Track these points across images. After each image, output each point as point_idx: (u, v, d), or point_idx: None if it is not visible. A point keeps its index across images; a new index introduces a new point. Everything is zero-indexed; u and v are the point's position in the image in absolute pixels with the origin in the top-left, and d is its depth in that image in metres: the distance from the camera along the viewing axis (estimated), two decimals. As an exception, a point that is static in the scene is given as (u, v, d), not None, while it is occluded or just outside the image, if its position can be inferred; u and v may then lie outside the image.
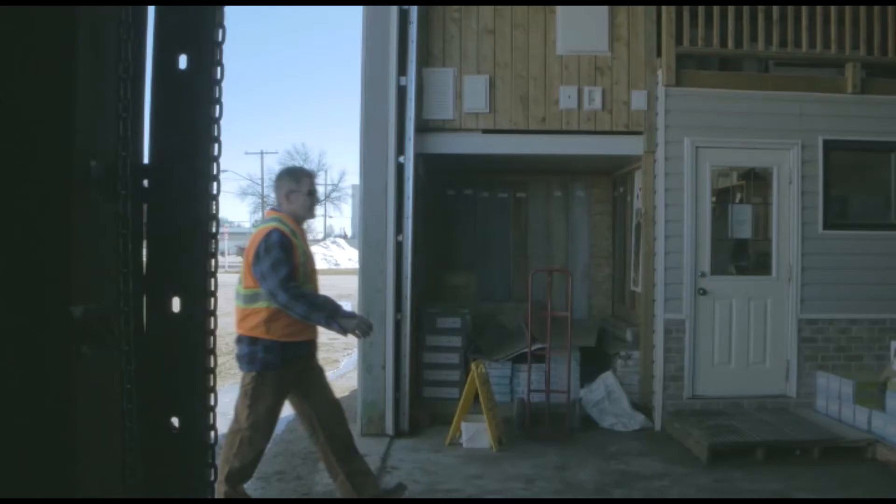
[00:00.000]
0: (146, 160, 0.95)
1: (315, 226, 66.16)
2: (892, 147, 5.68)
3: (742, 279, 5.78)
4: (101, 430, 0.85)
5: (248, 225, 70.49)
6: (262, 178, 54.83)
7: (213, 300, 0.88)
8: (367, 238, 5.27)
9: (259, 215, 57.70)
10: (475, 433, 4.91)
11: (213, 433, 0.87)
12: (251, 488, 4.42)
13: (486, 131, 5.54)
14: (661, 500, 4.08)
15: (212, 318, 0.88)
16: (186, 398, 0.88)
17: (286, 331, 3.31)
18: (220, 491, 3.28)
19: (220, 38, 0.90)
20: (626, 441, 5.16)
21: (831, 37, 5.52)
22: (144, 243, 0.88)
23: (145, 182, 0.93)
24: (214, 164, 0.88)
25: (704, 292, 5.49)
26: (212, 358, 0.89)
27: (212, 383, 0.89)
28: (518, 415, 5.33)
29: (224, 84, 0.90)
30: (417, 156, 5.41)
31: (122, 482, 0.80)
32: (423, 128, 5.47)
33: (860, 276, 5.56)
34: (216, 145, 0.89)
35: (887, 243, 5.63)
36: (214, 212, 0.88)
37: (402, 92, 5.24)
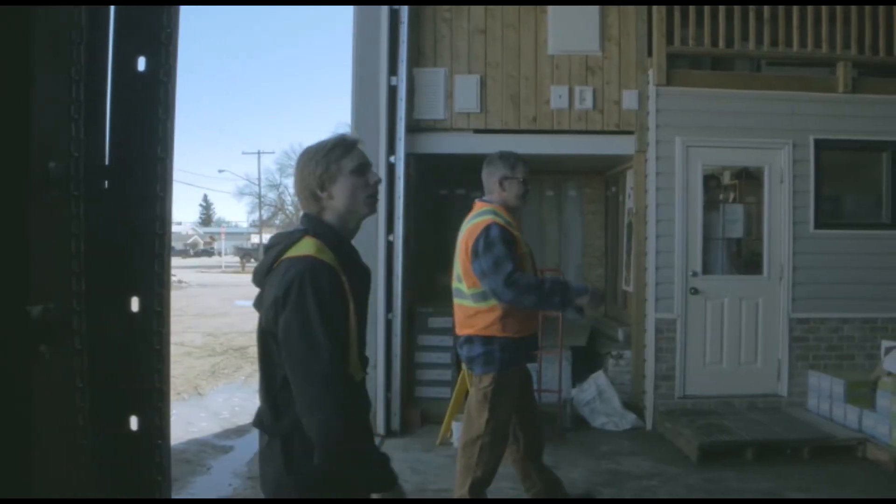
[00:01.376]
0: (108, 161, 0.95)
1: (313, 226, 65.99)
2: (883, 146, 5.68)
3: (733, 278, 5.79)
4: (58, 429, 0.85)
5: (245, 225, 70.58)
6: (259, 178, 54.84)
7: (169, 300, 0.89)
8: (357, 238, 5.25)
9: (256, 215, 57.71)
10: (459, 435, 4.90)
11: (167, 432, 0.87)
12: (238, 486, 4.44)
13: (477, 131, 5.54)
14: (650, 500, 4.08)
15: (168, 318, 0.88)
16: (145, 397, 0.88)
17: (519, 326, 3.11)
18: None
19: (176, 40, 0.90)
20: (617, 440, 5.17)
21: (823, 36, 5.53)
22: (103, 243, 0.88)
23: (105, 183, 0.92)
24: (168, 165, 0.88)
25: (696, 291, 5.49)
26: (168, 357, 0.89)
27: (168, 382, 0.89)
28: (509, 414, 5.32)
29: (178, 85, 0.91)
30: (408, 156, 5.41)
31: (79, 481, 0.80)
32: (415, 128, 5.46)
33: (851, 275, 5.56)
34: (170, 146, 0.89)
35: (878, 242, 5.63)
36: (168, 212, 0.88)
37: (392, 92, 5.24)
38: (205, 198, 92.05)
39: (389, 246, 5.22)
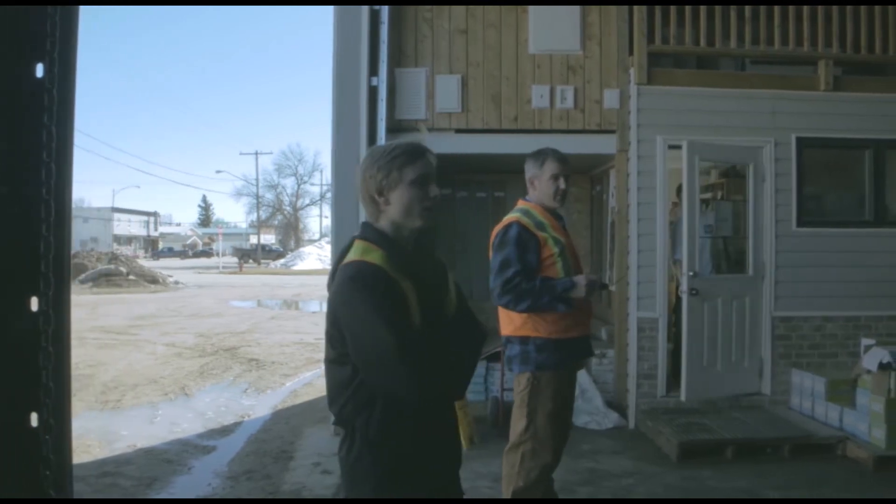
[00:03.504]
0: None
1: (311, 226, 66.10)
2: (865, 144, 5.69)
3: (718, 277, 5.79)
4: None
5: (244, 226, 70.63)
6: (257, 179, 54.92)
7: (64, 300, 0.89)
8: (338, 239, 5.27)
9: (253, 216, 57.81)
10: (447, 433, 4.91)
11: (61, 428, 0.88)
12: (217, 486, 4.45)
13: (458, 131, 5.55)
14: (627, 500, 4.08)
15: (63, 317, 0.89)
16: (43, 394, 0.89)
17: (556, 326, 2.99)
18: None
19: (71, 45, 0.91)
20: (599, 439, 5.17)
21: (804, 34, 5.53)
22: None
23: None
24: (56, 169, 0.88)
25: (696, 292, 5.47)
26: (64, 355, 0.90)
27: (64, 379, 0.90)
28: (491, 413, 5.34)
29: (77, 91, 0.91)
30: (390, 156, 5.40)
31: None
32: (396, 128, 5.47)
33: (834, 273, 5.57)
34: (61, 151, 0.90)
35: (861, 240, 5.64)
36: (61, 215, 0.89)
37: (373, 92, 5.25)
38: (204, 198, 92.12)
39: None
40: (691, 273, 5.27)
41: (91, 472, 4.70)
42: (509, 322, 3.09)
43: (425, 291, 1.72)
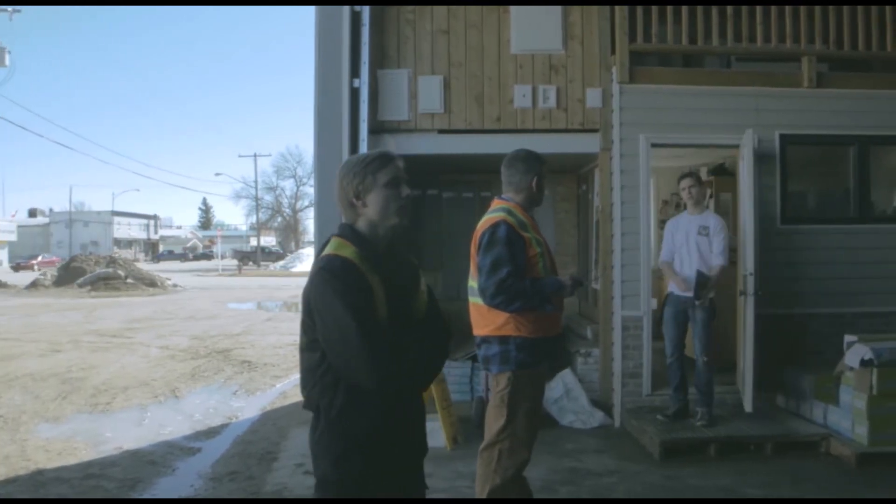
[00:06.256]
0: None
1: (311, 228, 66.07)
2: (849, 141, 5.68)
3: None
4: None
5: (244, 228, 70.68)
6: (256, 181, 54.92)
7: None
8: (321, 240, 5.27)
9: (253, 218, 57.82)
10: (430, 432, 4.89)
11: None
12: (200, 486, 4.46)
13: (441, 131, 5.56)
14: (604, 500, 4.08)
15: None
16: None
17: (538, 326, 3.01)
18: None
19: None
20: (583, 438, 5.16)
21: (787, 31, 5.53)
22: None
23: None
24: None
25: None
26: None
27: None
28: (476, 413, 5.33)
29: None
30: (373, 157, 5.41)
31: None
32: (379, 129, 5.48)
33: (819, 270, 5.56)
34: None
35: (846, 237, 5.64)
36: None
37: (355, 94, 5.25)
38: (204, 201, 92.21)
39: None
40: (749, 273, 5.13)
41: (76, 474, 4.72)
42: (487, 322, 3.06)
43: (393, 289, 1.83)
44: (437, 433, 4.89)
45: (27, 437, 5.66)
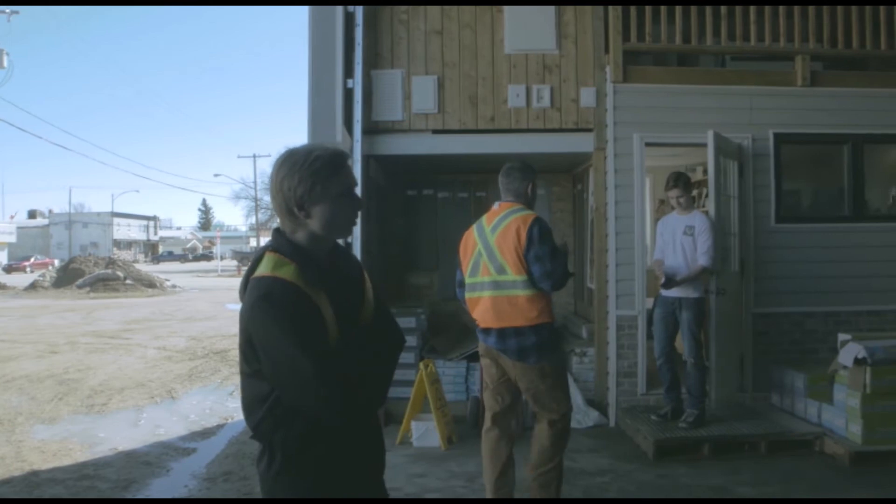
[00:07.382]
0: None
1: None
2: (843, 139, 5.68)
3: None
4: None
5: (244, 228, 70.64)
6: (255, 182, 54.89)
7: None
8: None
9: (253, 219, 57.74)
10: (425, 432, 4.93)
11: None
12: (194, 487, 4.46)
13: (435, 131, 5.56)
14: (595, 500, 4.08)
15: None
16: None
17: (552, 309, 3.40)
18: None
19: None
20: (578, 438, 5.15)
21: (780, 30, 5.54)
22: None
23: None
24: None
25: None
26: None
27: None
28: (471, 413, 5.33)
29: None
30: (368, 157, 5.42)
31: None
32: (373, 129, 5.48)
33: (814, 268, 5.56)
34: None
35: (840, 236, 5.64)
36: None
37: (349, 94, 5.25)
38: (203, 202, 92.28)
39: (348, 248, 5.23)
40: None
41: (70, 475, 4.72)
42: (522, 313, 3.28)
43: (342, 303, 1.61)
44: (432, 433, 4.90)
45: (23, 438, 5.66)
